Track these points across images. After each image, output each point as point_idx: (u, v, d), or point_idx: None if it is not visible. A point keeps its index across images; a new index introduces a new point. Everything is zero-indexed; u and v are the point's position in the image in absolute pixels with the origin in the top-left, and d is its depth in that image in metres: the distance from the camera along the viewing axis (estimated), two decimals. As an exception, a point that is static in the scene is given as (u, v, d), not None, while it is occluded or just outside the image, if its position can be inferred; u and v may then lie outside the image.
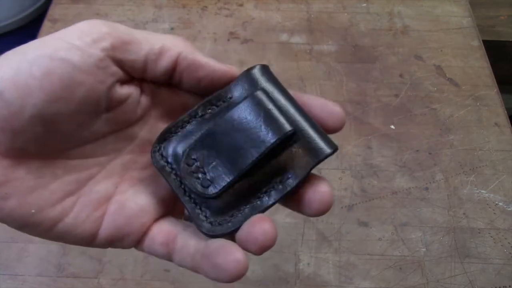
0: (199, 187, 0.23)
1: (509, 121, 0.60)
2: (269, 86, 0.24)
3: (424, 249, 0.50)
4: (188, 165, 0.23)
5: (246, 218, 0.23)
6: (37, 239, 0.51)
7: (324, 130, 0.24)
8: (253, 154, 0.22)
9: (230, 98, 0.24)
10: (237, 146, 0.22)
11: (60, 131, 0.21)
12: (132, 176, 0.25)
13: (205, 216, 0.23)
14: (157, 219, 0.25)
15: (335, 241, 0.50)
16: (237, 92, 0.24)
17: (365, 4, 0.74)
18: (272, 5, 0.73)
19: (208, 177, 0.23)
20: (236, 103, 0.23)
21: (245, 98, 0.23)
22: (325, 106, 0.24)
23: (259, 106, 0.23)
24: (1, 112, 0.19)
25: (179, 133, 0.24)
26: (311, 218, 0.52)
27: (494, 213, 0.52)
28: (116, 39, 0.21)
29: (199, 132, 0.23)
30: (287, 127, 0.22)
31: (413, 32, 0.70)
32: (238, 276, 0.21)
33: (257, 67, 0.24)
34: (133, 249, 0.50)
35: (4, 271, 0.48)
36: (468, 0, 0.74)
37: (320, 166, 0.57)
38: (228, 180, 0.22)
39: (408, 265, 0.49)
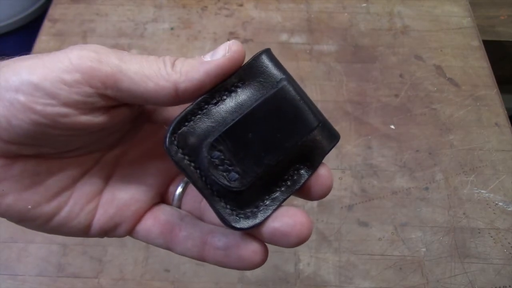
0: (225, 181, 0.22)
1: (509, 121, 0.60)
2: (279, 72, 0.24)
3: (424, 249, 0.50)
4: (212, 157, 0.22)
5: (270, 210, 0.22)
6: (37, 239, 0.52)
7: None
8: (286, 146, 0.22)
9: (243, 83, 0.23)
10: (267, 138, 0.22)
11: (51, 144, 0.21)
12: (123, 167, 0.25)
13: (231, 210, 0.22)
14: (150, 208, 0.25)
15: (335, 241, 0.50)
16: (249, 78, 0.23)
17: (365, 4, 0.74)
18: (272, 5, 0.73)
19: (235, 170, 0.22)
20: (263, 93, 0.23)
21: (273, 89, 0.22)
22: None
23: (289, 97, 0.22)
24: None
25: (193, 122, 0.22)
26: (311, 218, 0.51)
27: (494, 213, 0.52)
28: (107, 78, 0.20)
29: (215, 120, 0.22)
30: (316, 120, 0.23)
31: (413, 32, 0.70)
32: (261, 264, 0.22)
33: (265, 53, 0.24)
34: (133, 249, 0.51)
35: (4, 271, 0.48)
36: (468, 0, 0.74)
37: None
38: (257, 172, 0.22)
39: (408, 265, 0.49)
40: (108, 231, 0.24)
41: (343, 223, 0.51)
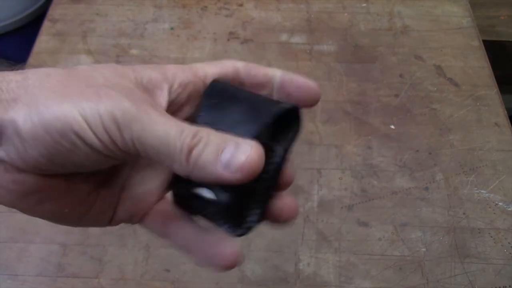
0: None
1: (509, 121, 0.60)
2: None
3: (424, 249, 0.50)
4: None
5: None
6: (37, 239, 0.51)
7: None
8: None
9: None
10: None
11: (82, 169, 0.23)
12: (137, 169, 0.27)
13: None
14: (159, 199, 0.27)
15: (335, 241, 0.50)
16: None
17: (365, 4, 0.74)
18: (272, 5, 0.73)
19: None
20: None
21: None
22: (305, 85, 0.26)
23: None
24: (29, 160, 0.20)
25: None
26: (311, 218, 0.52)
27: (494, 213, 0.52)
28: (130, 141, 0.20)
29: None
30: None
31: (413, 32, 0.70)
32: (230, 267, 0.24)
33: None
34: (133, 249, 0.51)
35: (4, 271, 0.48)
36: (468, 0, 0.74)
37: (320, 166, 0.57)
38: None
39: (408, 265, 0.49)
40: (125, 222, 0.26)
41: (343, 223, 0.51)
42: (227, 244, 0.24)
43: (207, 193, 0.24)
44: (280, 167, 0.25)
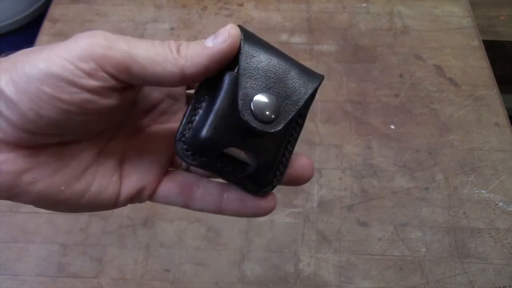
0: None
1: (509, 121, 0.60)
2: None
3: (424, 249, 0.50)
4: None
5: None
6: (37, 239, 0.51)
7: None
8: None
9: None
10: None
11: (74, 130, 0.23)
12: (136, 141, 0.27)
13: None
14: (166, 173, 0.28)
15: (335, 241, 0.50)
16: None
17: (365, 4, 0.74)
18: (272, 5, 0.73)
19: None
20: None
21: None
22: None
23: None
24: (19, 120, 0.21)
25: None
26: (311, 218, 0.52)
27: (494, 213, 0.52)
28: (119, 64, 0.21)
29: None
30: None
31: (413, 32, 0.70)
32: (272, 209, 0.26)
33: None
34: (133, 249, 0.51)
35: (4, 271, 0.48)
36: (468, 0, 0.74)
37: (320, 166, 0.56)
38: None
39: (408, 265, 0.49)
40: (134, 198, 0.26)
41: (343, 223, 0.51)
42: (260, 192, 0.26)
43: (240, 155, 0.25)
44: (299, 133, 0.26)
